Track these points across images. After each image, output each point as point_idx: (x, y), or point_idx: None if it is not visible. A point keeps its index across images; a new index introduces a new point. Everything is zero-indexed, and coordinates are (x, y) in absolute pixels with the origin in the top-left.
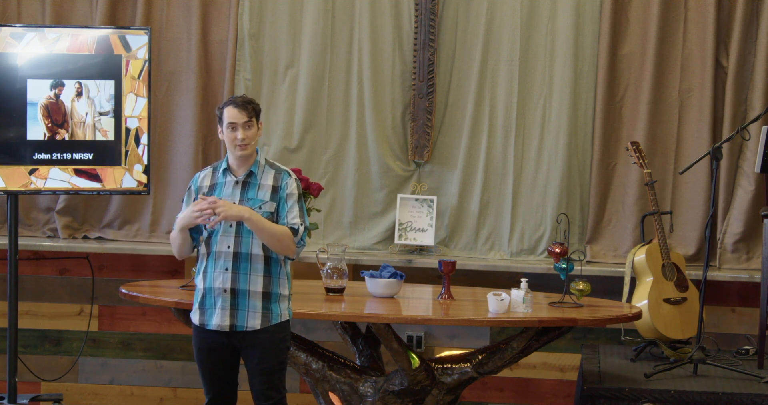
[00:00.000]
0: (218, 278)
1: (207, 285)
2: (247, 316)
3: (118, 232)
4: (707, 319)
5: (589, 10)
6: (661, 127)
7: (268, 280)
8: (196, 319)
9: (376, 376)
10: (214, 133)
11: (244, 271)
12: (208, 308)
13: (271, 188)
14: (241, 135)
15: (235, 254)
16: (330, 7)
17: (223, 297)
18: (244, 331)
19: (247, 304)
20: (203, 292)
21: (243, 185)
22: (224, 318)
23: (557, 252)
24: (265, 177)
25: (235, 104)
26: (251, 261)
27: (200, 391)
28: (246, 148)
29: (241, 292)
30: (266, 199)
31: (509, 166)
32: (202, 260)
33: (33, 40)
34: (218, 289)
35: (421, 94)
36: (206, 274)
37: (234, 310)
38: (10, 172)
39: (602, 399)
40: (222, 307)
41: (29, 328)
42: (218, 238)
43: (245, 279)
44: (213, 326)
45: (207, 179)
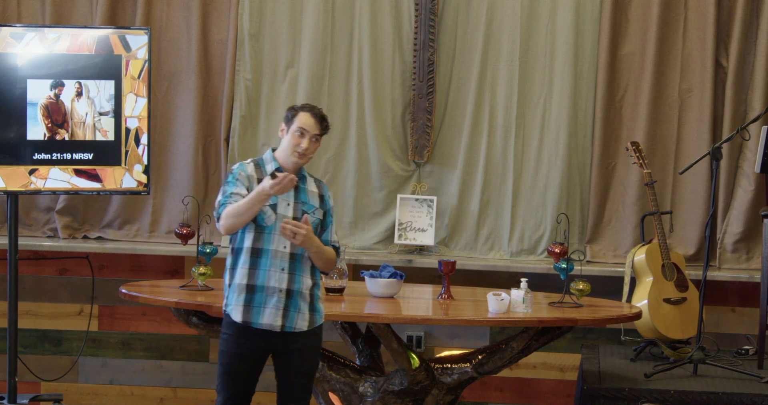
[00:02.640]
0: (273, 277)
1: (259, 283)
2: (297, 318)
3: (118, 232)
4: (707, 319)
5: (589, 10)
6: (661, 127)
7: (314, 283)
8: (238, 316)
9: (376, 376)
10: (214, 133)
11: (298, 272)
12: (257, 306)
13: (318, 196)
14: (305, 145)
15: (291, 255)
16: (330, 7)
17: (278, 297)
18: (292, 332)
19: (298, 306)
20: (249, 289)
21: (295, 188)
22: (276, 318)
23: (557, 252)
24: (310, 183)
25: (314, 114)
26: (303, 263)
27: (200, 391)
28: (303, 158)
29: (295, 292)
30: (316, 206)
31: (509, 166)
32: (244, 256)
33: (33, 40)
34: (273, 288)
35: (421, 94)
36: (256, 271)
37: (286, 311)
38: (10, 172)
39: (602, 399)
40: (276, 307)
41: (29, 328)
42: (273, 236)
43: (299, 280)
44: (262, 325)
45: (255, 173)
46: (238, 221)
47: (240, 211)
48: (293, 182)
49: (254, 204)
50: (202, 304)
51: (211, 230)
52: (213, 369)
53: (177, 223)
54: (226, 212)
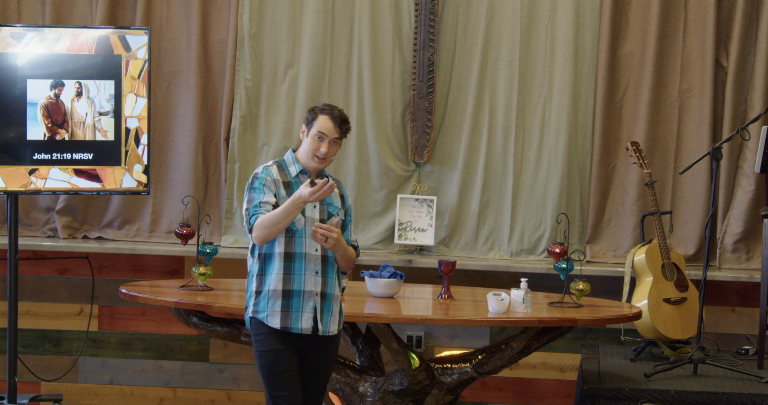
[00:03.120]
0: (309, 281)
1: (295, 287)
2: (330, 321)
3: (118, 232)
4: (707, 319)
5: (589, 10)
6: (661, 127)
7: (339, 285)
8: (275, 323)
9: (376, 376)
10: (214, 133)
11: (330, 275)
12: (295, 311)
13: (339, 196)
14: (324, 149)
15: (323, 258)
16: (330, 7)
17: (314, 300)
18: (327, 335)
19: (331, 308)
20: (286, 295)
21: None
22: (310, 321)
23: (557, 252)
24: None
25: (333, 117)
26: (333, 265)
27: (200, 391)
28: (323, 163)
29: (328, 295)
30: (339, 206)
31: (509, 166)
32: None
33: (33, 40)
34: (310, 292)
35: (421, 94)
36: (291, 276)
37: (321, 315)
38: (10, 172)
39: (602, 399)
40: (312, 311)
41: (29, 328)
42: (305, 239)
43: (332, 283)
44: (301, 330)
45: (279, 176)
46: (273, 230)
47: (275, 220)
48: (333, 189)
49: (290, 212)
50: (202, 304)
51: (211, 230)
52: (213, 369)
53: (177, 223)
54: (259, 223)
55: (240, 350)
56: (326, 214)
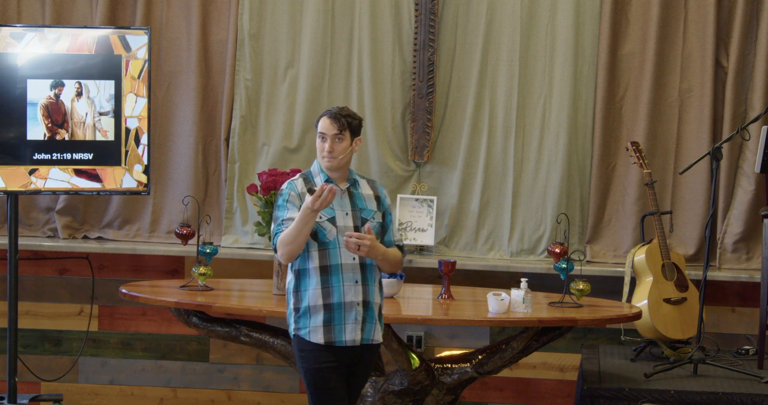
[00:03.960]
0: (349, 292)
1: (335, 300)
2: (373, 329)
3: (118, 232)
4: (707, 319)
5: (589, 10)
6: (661, 127)
7: (380, 292)
8: (319, 338)
9: (376, 376)
10: (214, 133)
11: (371, 283)
12: (338, 324)
13: (374, 198)
14: (328, 147)
15: (362, 266)
16: (330, 7)
17: (356, 310)
18: (370, 344)
19: (374, 317)
20: (328, 309)
21: (349, 194)
22: (357, 332)
23: (557, 252)
24: (363, 186)
25: (328, 115)
26: (374, 272)
27: (200, 391)
28: (332, 161)
29: (370, 304)
30: (375, 209)
31: (509, 166)
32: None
33: (33, 40)
34: (351, 303)
35: (421, 94)
36: (330, 289)
37: (365, 324)
38: (10, 172)
39: (602, 399)
40: (355, 321)
41: (29, 328)
42: (339, 250)
43: (372, 291)
44: (346, 342)
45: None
46: (293, 247)
47: (291, 236)
48: (333, 192)
49: (303, 225)
50: (202, 304)
51: (211, 230)
52: (213, 369)
53: (177, 223)
54: (280, 241)
55: (240, 350)
56: (360, 221)
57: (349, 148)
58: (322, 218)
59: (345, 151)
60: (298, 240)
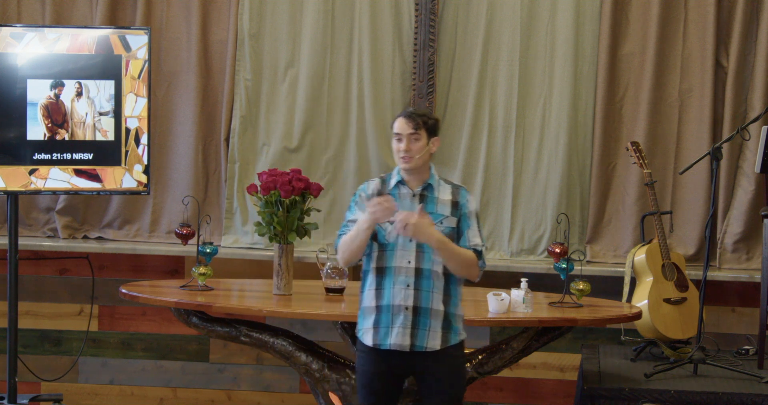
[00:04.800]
0: (398, 295)
1: (384, 303)
2: (427, 336)
3: (118, 232)
4: (707, 319)
5: (589, 10)
6: (661, 127)
7: (448, 299)
8: (368, 340)
9: None
10: (214, 133)
11: (426, 289)
12: (384, 327)
13: (451, 203)
14: (404, 146)
15: (417, 270)
16: (330, 7)
17: (404, 314)
18: (424, 351)
19: (429, 324)
20: (378, 311)
21: (420, 198)
22: (405, 337)
23: (557, 252)
24: (442, 192)
25: (403, 115)
26: (433, 278)
27: (200, 391)
28: (409, 161)
29: (423, 310)
30: (447, 214)
31: (509, 166)
32: (370, 277)
33: (33, 40)
34: (398, 306)
35: (421, 94)
36: (381, 291)
37: (414, 330)
38: (10, 172)
39: (602, 399)
40: (402, 326)
41: (29, 328)
42: (396, 252)
43: (428, 297)
44: (390, 346)
45: (381, 188)
46: (351, 252)
47: (347, 243)
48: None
49: (359, 232)
50: (202, 304)
51: (211, 230)
52: (213, 369)
53: (177, 223)
54: (339, 245)
55: (240, 350)
56: None
57: (426, 147)
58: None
59: (422, 151)
60: (353, 247)
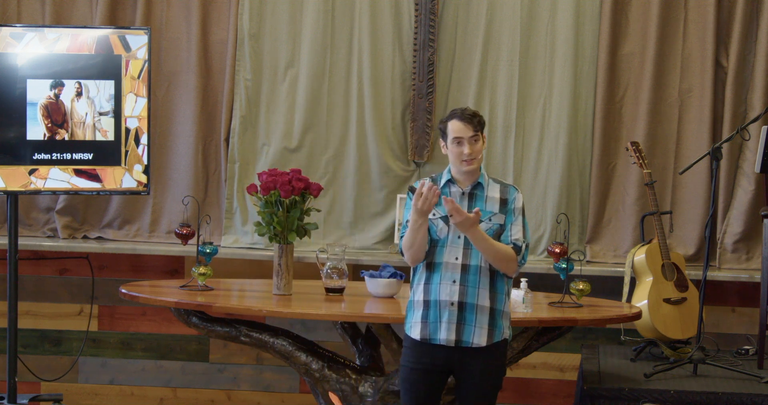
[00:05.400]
0: (445, 290)
1: (432, 297)
2: (473, 332)
3: (118, 232)
4: (707, 319)
5: (589, 10)
6: (661, 127)
7: (494, 296)
8: (416, 333)
9: (376, 376)
10: (214, 133)
11: (472, 285)
12: (433, 322)
13: (500, 201)
14: (467, 150)
15: (464, 266)
16: (330, 7)
17: (450, 310)
18: (470, 347)
19: (474, 320)
20: (426, 305)
21: (470, 196)
22: (450, 332)
23: (557, 252)
24: (491, 190)
25: (460, 118)
26: (480, 274)
27: (200, 391)
28: (472, 163)
29: (468, 306)
30: (495, 211)
31: (509, 166)
32: (420, 272)
33: (33, 40)
34: (444, 301)
35: (421, 94)
36: (430, 286)
37: (461, 325)
38: (10, 172)
39: (602, 399)
40: (449, 321)
41: (29, 328)
42: (445, 249)
43: (473, 293)
44: (440, 341)
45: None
46: (413, 252)
47: (409, 241)
48: (435, 192)
49: (413, 227)
50: (202, 304)
51: (211, 230)
52: (213, 369)
53: (177, 223)
54: (402, 247)
55: (240, 350)
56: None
57: (483, 146)
58: (436, 215)
59: (481, 152)
60: (416, 244)
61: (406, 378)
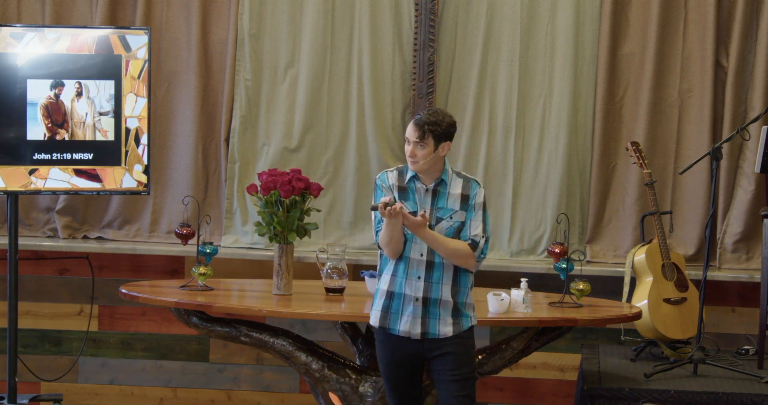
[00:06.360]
0: (410, 286)
1: (396, 289)
2: (438, 324)
3: (118, 232)
4: (707, 319)
5: (589, 10)
6: (661, 127)
7: (457, 290)
8: (375, 320)
9: (376, 376)
10: (214, 133)
11: (436, 281)
12: (394, 313)
13: (461, 197)
14: (409, 151)
15: (428, 263)
16: (330, 7)
17: (414, 305)
18: (437, 338)
19: (438, 313)
20: (389, 296)
21: (433, 193)
22: (415, 326)
23: (557, 252)
24: (454, 186)
25: (413, 121)
26: (443, 270)
27: (200, 391)
28: (414, 165)
29: (432, 301)
30: (456, 209)
31: (509, 166)
32: (389, 262)
33: (33, 40)
34: (409, 296)
35: (421, 94)
36: (395, 278)
37: (425, 319)
38: (10, 172)
39: (602, 399)
40: (413, 315)
41: (29, 328)
42: (410, 244)
43: (437, 288)
44: (400, 333)
45: (397, 180)
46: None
47: (386, 238)
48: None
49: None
50: (202, 304)
51: (211, 230)
52: (213, 369)
53: (177, 223)
54: (380, 242)
55: (240, 350)
56: (435, 220)
57: (433, 154)
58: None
59: (427, 157)
60: (393, 240)
61: (384, 372)
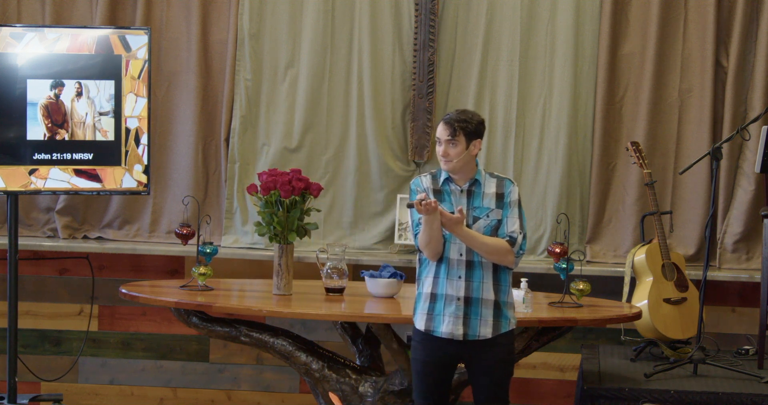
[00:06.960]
0: (451, 286)
1: (438, 291)
2: (479, 325)
3: (118, 232)
4: (707, 319)
5: (589, 10)
6: (661, 127)
7: (498, 288)
8: (420, 324)
9: (376, 376)
10: (214, 133)
11: (477, 279)
12: (437, 315)
13: (496, 196)
14: (441, 150)
15: (468, 262)
16: (330, 7)
17: (456, 305)
18: (476, 340)
19: (480, 313)
20: (431, 298)
21: (468, 194)
22: (457, 326)
23: (557, 252)
24: (488, 186)
25: (443, 121)
26: (483, 269)
27: (200, 391)
28: (448, 164)
29: (474, 300)
30: (492, 207)
31: (509, 166)
32: (429, 265)
33: (33, 40)
34: (451, 296)
35: (421, 94)
36: (437, 279)
37: (467, 319)
38: (10, 172)
39: (602, 399)
40: (455, 316)
41: (29, 328)
42: (449, 244)
43: (478, 287)
44: (443, 334)
45: (431, 184)
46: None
47: (425, 239)
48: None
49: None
50: (202, 304)
51: (211, 230)
52: (213, 369)
53: (177, 223)
54: (419, 244)
55: (240, 350)
56: (471, 219)
57: (465, 151)
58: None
59: (460, 155)
60: (433, 239)
61: (418, 371)
